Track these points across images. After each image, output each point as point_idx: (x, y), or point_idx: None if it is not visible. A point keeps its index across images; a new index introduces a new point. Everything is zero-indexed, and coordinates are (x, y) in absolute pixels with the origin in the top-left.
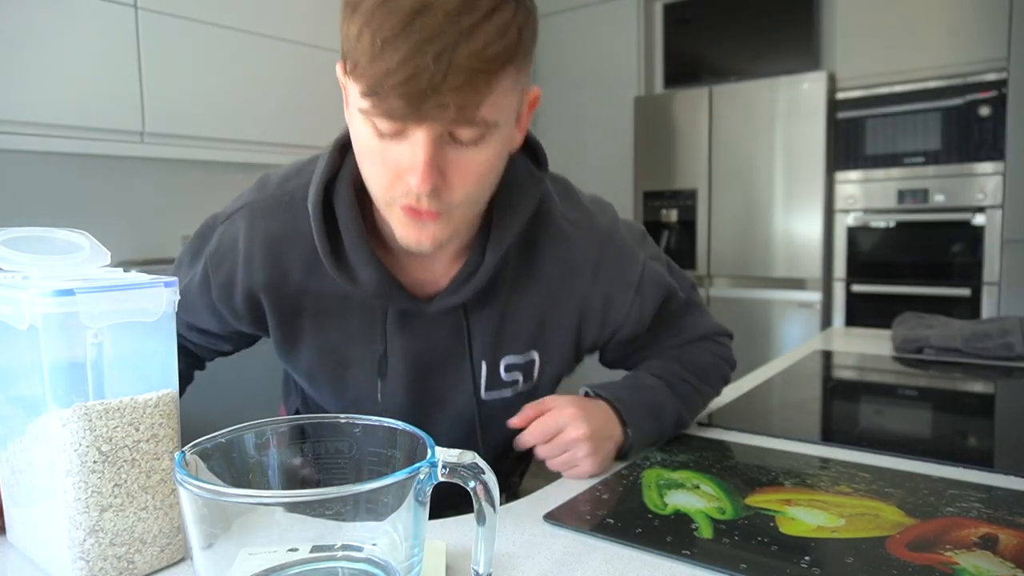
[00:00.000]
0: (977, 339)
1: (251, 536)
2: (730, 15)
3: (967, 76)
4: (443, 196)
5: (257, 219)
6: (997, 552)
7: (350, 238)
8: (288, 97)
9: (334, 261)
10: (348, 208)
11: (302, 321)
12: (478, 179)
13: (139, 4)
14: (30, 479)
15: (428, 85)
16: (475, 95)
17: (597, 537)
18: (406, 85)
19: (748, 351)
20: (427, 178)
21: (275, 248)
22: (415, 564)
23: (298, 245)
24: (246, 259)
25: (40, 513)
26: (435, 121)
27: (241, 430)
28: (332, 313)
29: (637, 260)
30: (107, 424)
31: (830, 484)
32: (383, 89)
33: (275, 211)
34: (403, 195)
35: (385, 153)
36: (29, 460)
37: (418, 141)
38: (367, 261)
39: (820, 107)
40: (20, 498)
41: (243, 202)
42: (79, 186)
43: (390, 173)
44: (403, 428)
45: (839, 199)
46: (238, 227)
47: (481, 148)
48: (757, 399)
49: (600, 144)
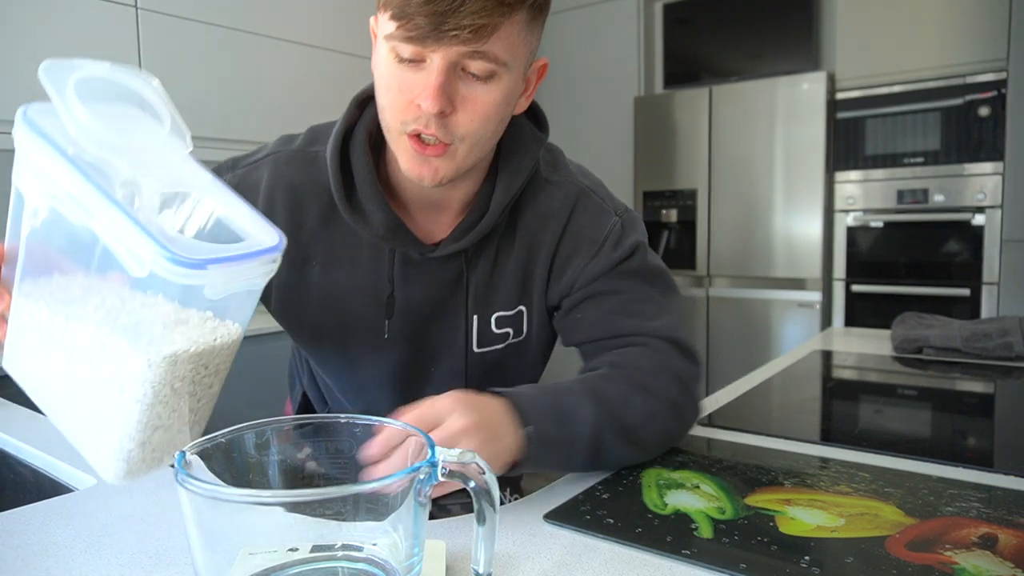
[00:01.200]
0: (977, 339)
1: (251, 536)
2: (730, 15)
3: (966, 76)
4: (449, 126)
5: (282, 167)
6: (997, 552)
7: (363, 183)
8: (288, 97)
9: (348, 205)
10: (362, 155)
11: (310, 271)
12: (484, 116)
13: (139, 4)
14: (88, 374)
15: (449, 7)
16: (490, 21)
17: (597, 537)
18: (430, 5)
19: (748, 351)
20: (437, 99)
21: (296, 196)
22: (415, 564)
23: (317, 197)
24: (267, 202)
25: (89, 408)
26: (452, 43)
27: (241, 430)
28: (341, 261)
29: (608, 220)
30: (186, 366)
31: (830, 484)
32: (410, 8)
33: (300, 164)
34: (413, 120)
35: (402, 80)
36: (93, 363)
37: (433, 66)
38: (378, 203)
39: (820, 107)
40: (66, 374)
41: (268, 151)
42: None
43: (404, 98)
44: (404, 428)
45: (839, 199)
46: (262, 172)
47: (489, 86)
48: (757, 399)
49: (600, 144)
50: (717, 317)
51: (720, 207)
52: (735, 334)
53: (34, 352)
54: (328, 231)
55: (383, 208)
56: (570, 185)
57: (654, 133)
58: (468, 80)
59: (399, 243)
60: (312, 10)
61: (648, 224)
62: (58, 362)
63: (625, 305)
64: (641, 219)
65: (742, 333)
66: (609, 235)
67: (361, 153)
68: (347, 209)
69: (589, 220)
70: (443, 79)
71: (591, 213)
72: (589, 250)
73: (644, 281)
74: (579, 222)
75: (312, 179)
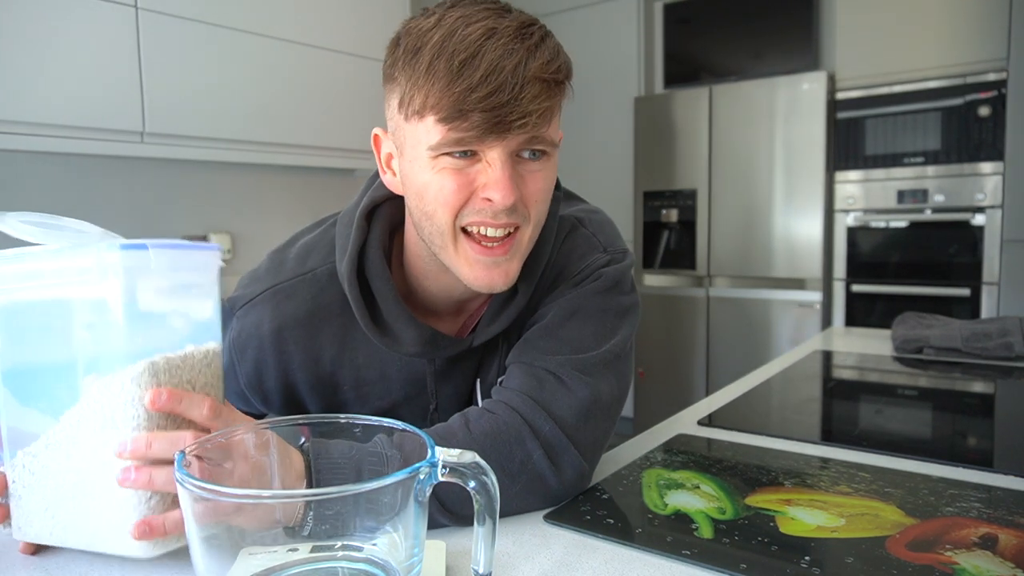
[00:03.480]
0: (977, 339)
1: (251, 536)
2: (730, 15)
3: (967, 76)
4: (519, 210)
5: (282, 302)
6: (997, 552)
7: (386, 302)
8: (288, 97)
9: (375, 328)
10: (381, 273)
11: (343, 396)
12: (544, 197)
13: (139, 4)
14: (73, 466)
15: (510, 96)
16: (549, 104)
17: (597, 537)
18: (490, 99)
19: (748, 351)
20: (511, 192)
21: (306, 330)
22: (415, 564)
23: (327, 323)
24: (277, 345)
25: (100, 488)
26: (517, 132)
27: (240, 430)
28: (372, 382)
29: (592, 255)
30: (170, 379)
31: (830, 484)
32: (467, 105)
33: (299, 291)
34: (476, 212)
35: (459, 175)
36: (67, 449)
37: (495, 159)
38: (407, 321)
39: (820, 107)
40: (59, 490)
41: (263, 287)
42: (79, 186)
43: (464, 192)
44: (403, 428)
45: (839, 199)
46: (261, 312)
47: (543, 167)
48: (757, 399)
49: (600, 144)
50: (717, 317)
51: (720, 207)
52: (735, 334)
53: (34, 490)
54: (350, 353)
55: (413, 325)
56: (564, 220)
57: (654, 133)
58: (524, 164)
59: (436, 353)
60: (312, 10)
61: (648, 224)
62: (57, 472)
63: (535, 333)
64: (631, 264)
65: (742, 333)
66: (588, 268)
67: (380, 270)
68: (375, 332)
69: (573, 253)
70: (509, 169)
71: (577, 246)
72: (563, 280)
73: (583, 312)
74: (564, 254)
75: (318, 305)
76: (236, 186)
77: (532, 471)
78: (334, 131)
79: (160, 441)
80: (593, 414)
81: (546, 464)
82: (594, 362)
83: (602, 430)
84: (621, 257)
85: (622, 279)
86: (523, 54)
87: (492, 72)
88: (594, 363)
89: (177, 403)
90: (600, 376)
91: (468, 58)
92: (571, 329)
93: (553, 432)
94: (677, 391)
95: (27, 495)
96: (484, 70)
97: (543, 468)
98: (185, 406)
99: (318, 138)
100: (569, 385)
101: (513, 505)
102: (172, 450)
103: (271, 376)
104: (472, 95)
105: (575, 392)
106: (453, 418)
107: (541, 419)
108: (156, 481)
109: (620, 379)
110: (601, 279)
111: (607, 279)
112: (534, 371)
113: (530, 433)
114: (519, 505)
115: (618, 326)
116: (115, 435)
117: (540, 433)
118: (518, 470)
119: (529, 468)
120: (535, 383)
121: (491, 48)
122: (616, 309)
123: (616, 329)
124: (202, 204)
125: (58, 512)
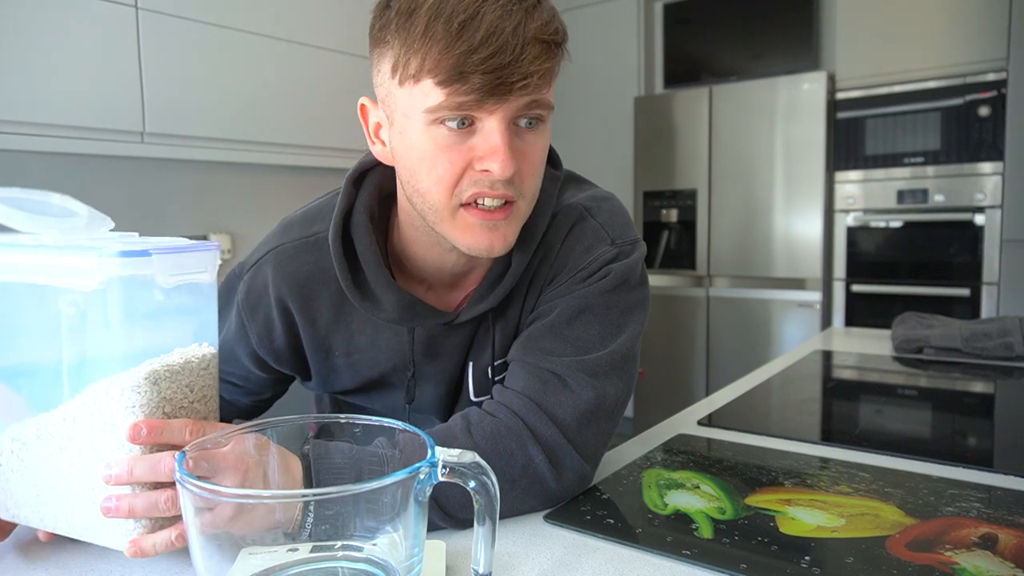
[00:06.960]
0: (977, 339)
1: (251, 536)
2: (730, 15)
3: (967, 76)
4: (515, 183)
5: (284, 262)
6: (997, 552)
7: (368, 266)
8: (288, 97)
9: (357, 291)
10: (365, 237)
11: (333, 359)
12: (540, 166)
13: (139, 4)
14: (67, 459)
15: (511, 58)
16: (550, 64)
17: (597, 537)
18: (491, 60)
19: (748, 351)
20: (510, 162)
21: (304, 291)
22: (415, 564)
23: (325, 286)
24: (278, 304)
25: (87, 487)
26: (519, 94)
27: (241, 430)
28: (361, 348)
29: (600, 247)
30: (170, 386)
31: (830, 484)
32: (468, 67)
33: (301, 253)
34: (473, 184)
35: (453, 149)
36: (60, 442)
37: (493, 127)
38: (386, 286)
39: (820, 107)
40: (51, 479)
41: (268, 247)
42: (79, 186)
43: (459, 166)
44: (403, 428)
45: (839, 199)
46: (266, 272)
47: (539, 134)
48: (757, 399)
49: (600, 144)
50: (717, 317)
51: (720, 207)
52: (735, 334)
53: (24, 476)
54: (343, 318)
55: (393, 290)
56: (571, 209)
57: (654, 133)
58: (520, 132)
59: (416, 321)
60: (312, 10)
61: (648, 224)
62: (49, 462)
63: (539, 331)
64: (642, 255)
65: (742, 333)
66: (595, 262)
67: (364, 234)
68: (356, 296)
69: (580, 244)
70: (508, 138)
71: (585, 237)
72: (569, 275)
73: (590, 312)
74: (569, 245)
75: (318, 267)
76: (236, 186)
77: (533, 475)
78: (334, 131)
79: (140, 465)
80: (596, 417)
81: (547, 468)
82: (599, 363)
83: (605, 432)
84: (630, 249)
85: (630, 274)
86: (522, 15)
87: (493, 33)
88: (599, 364)
89: (159, 435)
90: (605, 378)
91: (467, 19)
92: (577, 328)
93: (554, 436)
94: (677, 391)
95: (15, 479)
96: (485, 31)
97: (544, 472)
98: (167, 435)
99: (319, 138)
100: (573, 387)
101: (513, 507)
102: (153, 473)
103: (279, 334)
104: (473, 57)
105: (578, 395)
106: (454, 419)
107: (543, 423)
108: (137, 510)
109: (626, 380)
110: (609, 276)
111: (615, 276)
112: (538, 372)
113: (531, 437)
114: (519, 507)
115: (624, 324)
116: (113, 439)
117: (541, 437)
118: (519, 474)
119: (530, 472)
120: (538, 385)
121: (489, 9)
122: (623, 306)
123: (622, 327)
124: (202, 204)
125: (50, 499)
